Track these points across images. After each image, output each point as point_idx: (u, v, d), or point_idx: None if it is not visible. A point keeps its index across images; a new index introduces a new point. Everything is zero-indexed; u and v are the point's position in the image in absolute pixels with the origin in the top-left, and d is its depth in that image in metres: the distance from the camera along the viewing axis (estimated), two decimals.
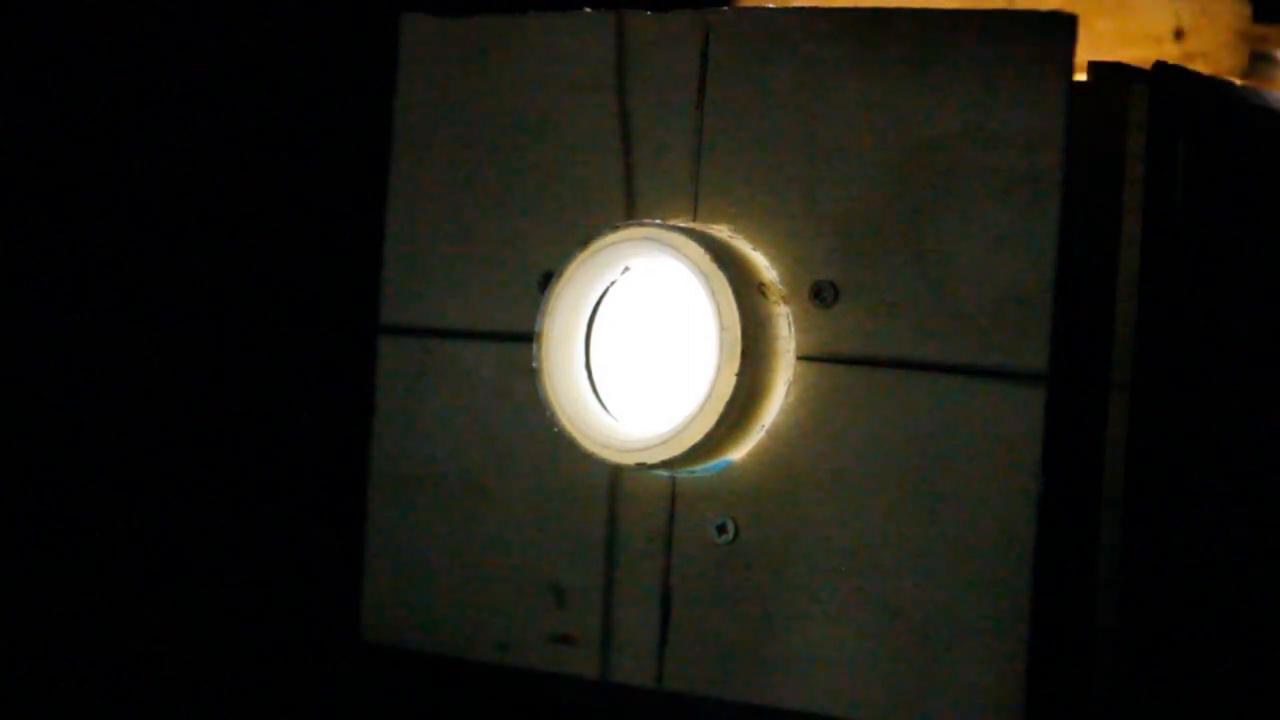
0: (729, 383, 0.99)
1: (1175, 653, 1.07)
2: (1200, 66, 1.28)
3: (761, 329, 1.00)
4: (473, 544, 1.10)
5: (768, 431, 1.02)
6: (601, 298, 1.05)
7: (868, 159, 1.00)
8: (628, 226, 1.03)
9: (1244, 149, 1.09)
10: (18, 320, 1.51)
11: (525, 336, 1.07)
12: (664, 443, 1.00)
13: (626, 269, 1.04)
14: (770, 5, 1.05)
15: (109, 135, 1.54)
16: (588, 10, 1.09)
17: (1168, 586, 1.06)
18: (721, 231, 1.03)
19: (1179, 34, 1.30)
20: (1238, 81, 1.19)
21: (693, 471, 1.03)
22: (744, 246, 1.03)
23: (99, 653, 1.30)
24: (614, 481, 1.06)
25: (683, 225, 1.03)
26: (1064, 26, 0.97)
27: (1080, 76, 0.99)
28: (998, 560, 0.97)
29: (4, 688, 1.21)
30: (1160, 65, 1.00)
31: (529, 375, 1.06)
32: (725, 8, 1.07)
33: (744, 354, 0.99)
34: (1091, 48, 1.18)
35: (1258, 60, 1.36)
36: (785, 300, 1.02)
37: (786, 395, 1.02)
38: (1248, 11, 1.35)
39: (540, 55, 1.09)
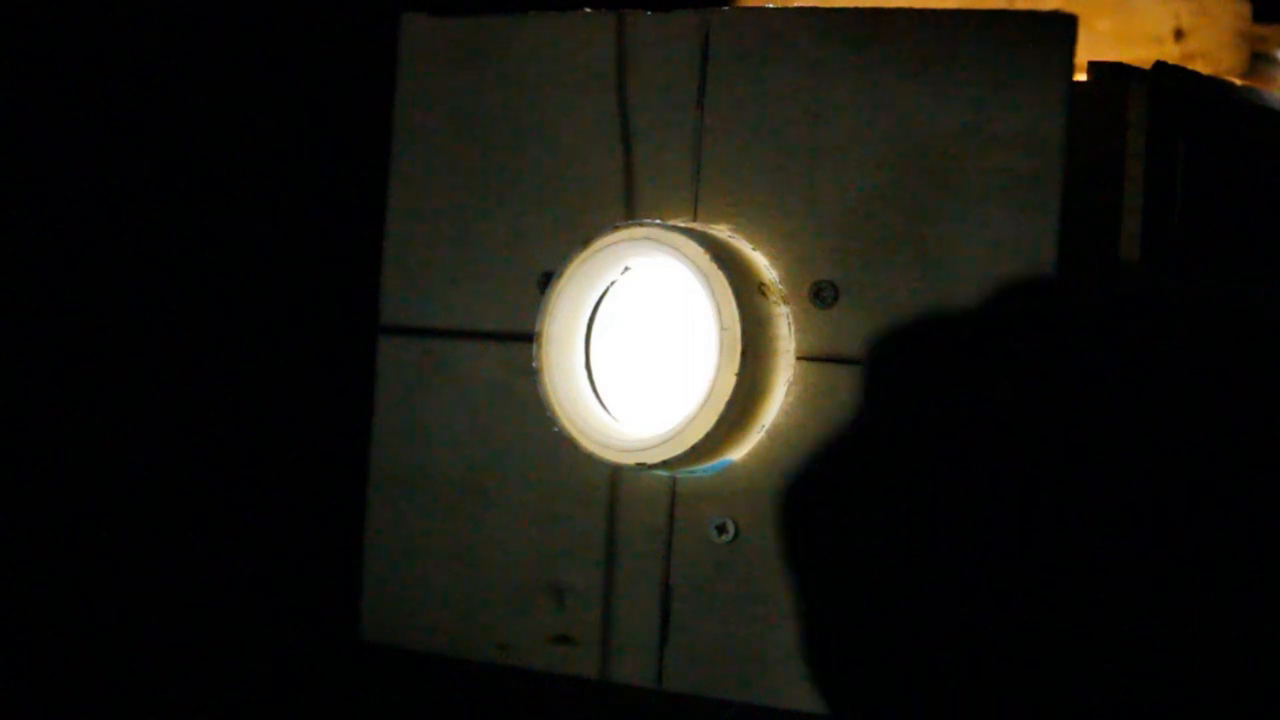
0: (729, 383, 0.99)
1: (1175, 653, 1.07)
2: (1200, 66, 1.28)
3: (761, 329, 1.00)
4: (473, 544, 1.10)
5: (767, 431, 1.02)
6: (601, 298, 1.05)
7: (868, 159, 1.00)
8: (628, 226, 1.03)
9: (1244, 149, 1.09)
10: (18, 320, 1.51)
11: (525, 336, 1.07)
12: (664, 443, 1.00)
13: (626, 269, 1.04)
14: (770, 5, 1.05)
15: (109, 135, 1.54)
16: (588, 10, 1.09)
17: (1165, 586, 1.05)
18: (721, 231, 1.03)
19: (1179, 34, 1.30)
20: (1238, 81, 1.19)
21: (693, 471, 1.03)
22: (744, 246, 1.03)
23: (99, 653, 1.29)
24: (614, 481, 1.06)
25: (683, 225, 1.03)
26: (1064, 26, 0.97)
27: (1080, 76, 0.99)
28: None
29: (4, 688, 1.21)
30: (1160, 65, 1.00)
31: (529, 375, 1.06)
32: (725, 8, 1.07)
33: (744, 354, 0.99)
34: (1091, 48, 1.19)
35: (1258, 60, 1.36)
36: (785, 300, 1.02)
37: (786, 395, 1.02)
38: (1248, 11, 1.35)
39: (540, 55, 1.09)
